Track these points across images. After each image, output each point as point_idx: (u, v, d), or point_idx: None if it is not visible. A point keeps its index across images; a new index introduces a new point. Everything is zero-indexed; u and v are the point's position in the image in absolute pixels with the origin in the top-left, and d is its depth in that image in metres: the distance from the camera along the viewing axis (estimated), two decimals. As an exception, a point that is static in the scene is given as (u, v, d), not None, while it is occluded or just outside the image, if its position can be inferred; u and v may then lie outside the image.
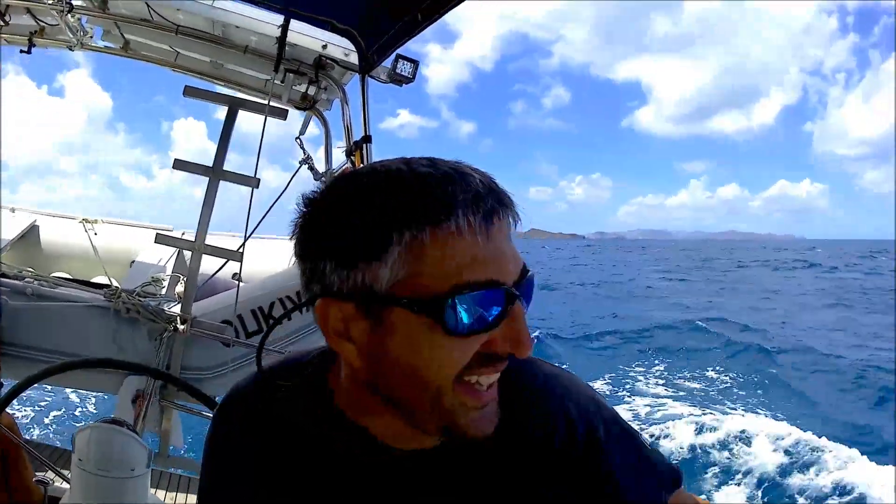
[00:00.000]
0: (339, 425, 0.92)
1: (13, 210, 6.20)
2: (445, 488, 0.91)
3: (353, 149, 3.98)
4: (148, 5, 3.89)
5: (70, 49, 4.27)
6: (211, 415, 2.24)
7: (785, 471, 11.23)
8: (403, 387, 0.81)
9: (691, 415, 13.94)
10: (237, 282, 4.38)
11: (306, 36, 3.96)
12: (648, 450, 1.04)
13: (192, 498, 4.32)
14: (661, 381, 17.65)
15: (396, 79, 3.69)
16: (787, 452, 11.63)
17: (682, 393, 16.54)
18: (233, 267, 4.37)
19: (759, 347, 21.05)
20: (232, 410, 1.04)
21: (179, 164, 4.41)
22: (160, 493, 4.14)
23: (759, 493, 10.89)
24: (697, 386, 17.27)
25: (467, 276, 0.74)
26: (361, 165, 3.85)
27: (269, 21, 3.91)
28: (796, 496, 10.60)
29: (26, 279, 4.41)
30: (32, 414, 11.69)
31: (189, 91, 4.32)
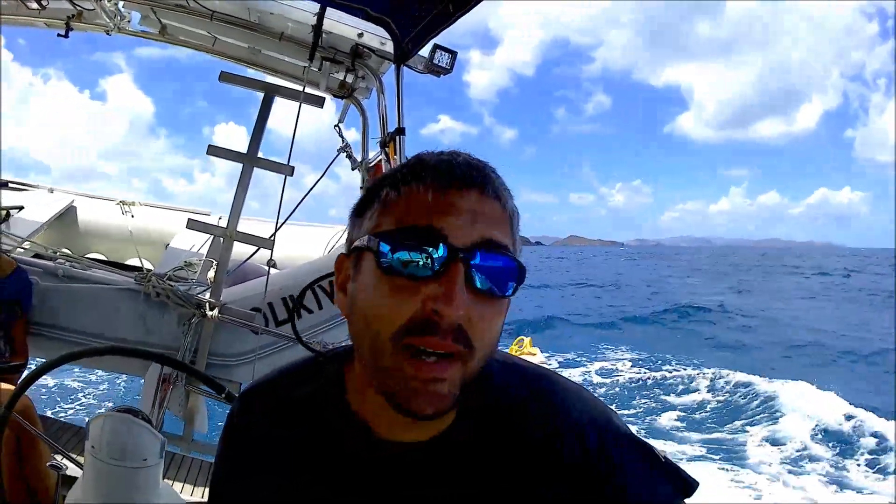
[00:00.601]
0: (346, 421, 0.92)
1: (51, 190, 6.28)
2: (440, 484, 0.90)
3: (388, 140, 3.93)
4: (184, -9, 3.89)
5: (107, 33, 4.28)
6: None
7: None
8: (359, 337, 0.84)
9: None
10: (268, 268, 4.38)
11: (343, 24, 3.92)
12: (662, 460, 0.99)
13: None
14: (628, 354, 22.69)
15: (433, 69, 3.64)
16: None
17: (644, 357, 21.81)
18: (269, 253, 4.37)
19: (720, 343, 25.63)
20: (253, 402, 1.05)
21: (213, 150, 4.41)
22: (181, 478, 4.14)
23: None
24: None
25: (408, 221, 0.80)
26: (395, 158, 3.83)
27: (305, 9, 3.87)
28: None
29: (58, 260, 4.45)
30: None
31: (225, 76, 4.31)
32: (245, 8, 3.99)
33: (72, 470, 2.40)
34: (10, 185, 6.02)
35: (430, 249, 0.78)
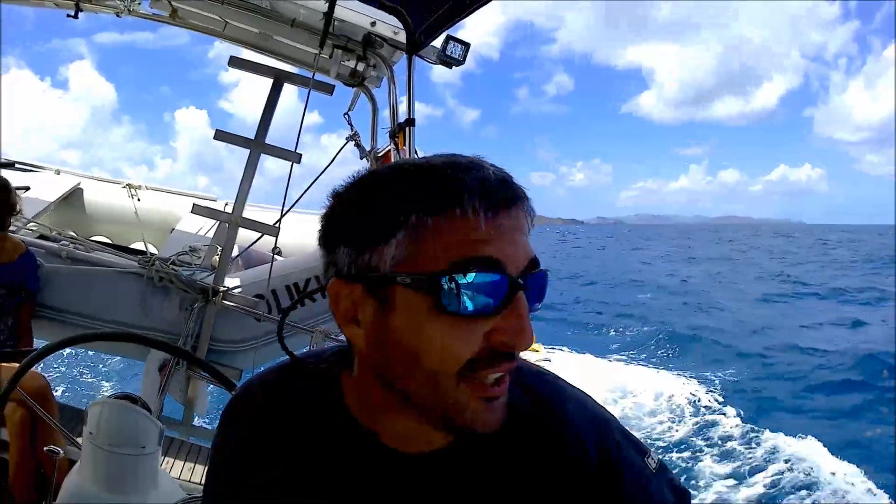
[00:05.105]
0: (347, 429, 0.90)
1: (58, 172, 6.27)
2: (450, 495, 0.88)
3: (397, 131, 3.90)
4: (196, -27, 3.86)
5: (117, 15, 4.24)
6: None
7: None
8: (407, 374, 0.79)
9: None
10: (272, 255, 4.36)
11: (356, 12, 3.88)
12: (660, 468, 1.00)
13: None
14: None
15: (445, 60, 3.60)
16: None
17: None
18: (275, 240, 4.36)
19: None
20: (250, 400, 1.02)
21: (221, 135, 4.40)
22: (179, 463, 4.12)
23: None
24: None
25: (467, 254, 0.74)
26: (404, 148, 3.81)
27: (318, -5, 3.84)
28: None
29: (62, 242, 4.44)
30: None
31: (234, 62, 4.29)
32: (257, -8, 3.96)
33: (76, 454, 2.39)
34: (16, 165, 6.02)
35: (495, 285, 0.74)
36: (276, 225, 4.19)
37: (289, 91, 4.57)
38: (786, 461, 10.70)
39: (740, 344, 19.90)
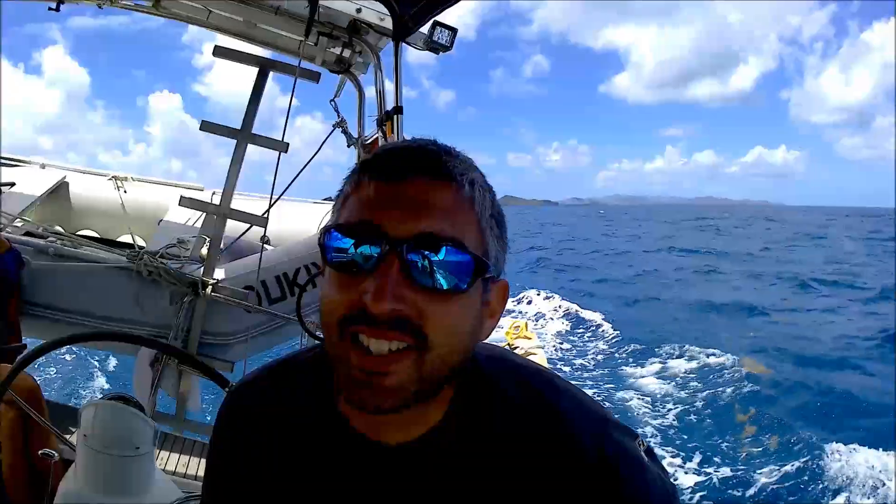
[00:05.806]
0: (331, 421, 0.93)
1: (43, 166, 6.18)
2: (424, 488, 0.89)
3: (384, 119, 3.86)
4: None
5: (99, 6, 4.16)
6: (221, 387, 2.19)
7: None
8: (321, 330, 0.85)
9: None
10: (262, 246, 4.33)
11: (341, -1, 3.84)
12: (648, 453, 1.00)
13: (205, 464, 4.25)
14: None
15: (433, 46, 3.56)
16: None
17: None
18: (264, 230, 4.33)
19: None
20: (242, 401, 1.05)
21: (207, 126, 4.34)
22: (174, 457, 4.10)
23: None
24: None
25: (348, 215, 0.82)
26: (392, 136, 3.77)
27: (301, -18, 3.78)
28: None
29: (49, 239, 4.39)
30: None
31: (218, 51, 4.23)
32: (240, -20, 3.90)
33: (70, 454, 2.37)
34: (0, 161, 5.93)
35: (369, 244, 0.78)
36: (265, 215, 4.16)
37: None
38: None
39: (627, 293, 26.92)
